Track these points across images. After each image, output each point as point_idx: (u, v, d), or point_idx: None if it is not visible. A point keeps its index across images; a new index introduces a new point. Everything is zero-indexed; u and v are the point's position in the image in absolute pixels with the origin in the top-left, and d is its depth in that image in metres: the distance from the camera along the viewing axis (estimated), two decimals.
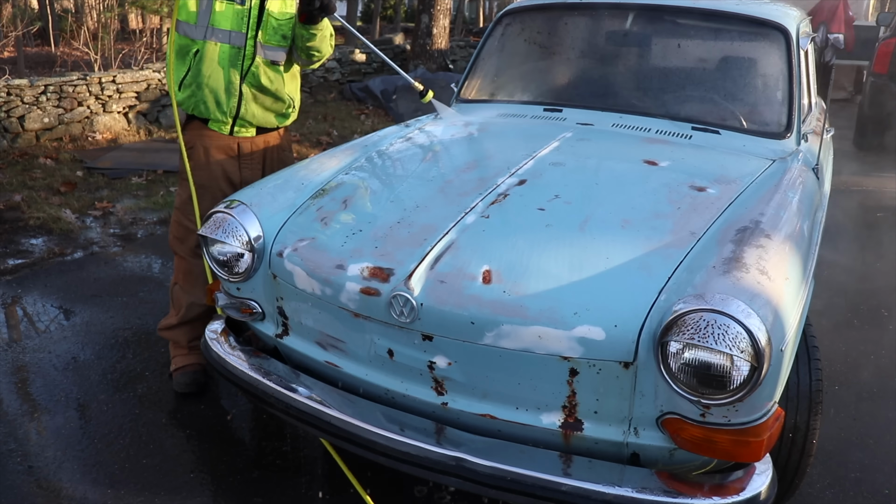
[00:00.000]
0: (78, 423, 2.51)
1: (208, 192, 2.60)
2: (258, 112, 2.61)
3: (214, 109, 2.56)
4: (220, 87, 2.53)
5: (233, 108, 2.56)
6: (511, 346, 1.59)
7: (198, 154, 2.62)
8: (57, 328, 3.20)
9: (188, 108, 2.59)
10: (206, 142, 2.60)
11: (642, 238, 1.75)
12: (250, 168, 2.69)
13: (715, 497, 1.50)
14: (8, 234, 4.32)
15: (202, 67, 2.51)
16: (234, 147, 2.64)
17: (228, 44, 2.50)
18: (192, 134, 2.63)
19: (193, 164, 2.61)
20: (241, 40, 2.51)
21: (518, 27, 3.07)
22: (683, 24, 2.82)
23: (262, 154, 2.71)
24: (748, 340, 1.41)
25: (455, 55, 10.98)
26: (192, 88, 2.55)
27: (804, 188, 2.15)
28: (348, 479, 2.23)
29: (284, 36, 2.58)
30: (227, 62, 2.52)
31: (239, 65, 2.52)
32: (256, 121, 2.62)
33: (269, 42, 2.54)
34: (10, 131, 6.08)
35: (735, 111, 2.57)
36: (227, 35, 2.49)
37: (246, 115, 2.59)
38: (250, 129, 2.65)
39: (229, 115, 2.57)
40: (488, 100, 2.98)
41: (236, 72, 2.53)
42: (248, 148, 2.66)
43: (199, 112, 2.57)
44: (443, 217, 1.85)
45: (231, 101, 2.55)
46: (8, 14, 10.50)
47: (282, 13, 2.55)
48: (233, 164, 2.65)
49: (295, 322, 1.96)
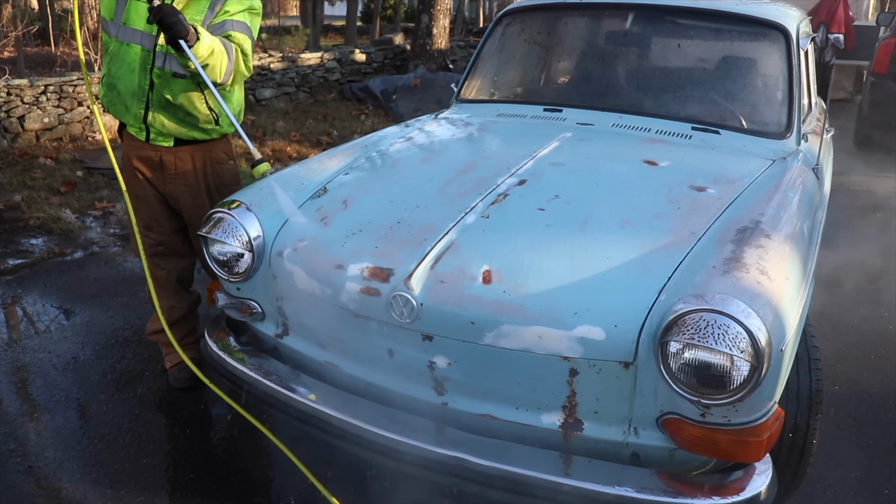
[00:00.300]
0: (78, 423, 2.51)
1: (142, 202, 2.49)
2: (168, 123, 2.36)
3: (125, 112, 2.37)
4: (130, 91, 2.32)
5: (140, 114, 2.34)
6: (511, 346, 1.59)
7: (126, 164, 2.48)
8: (57, 328, 3.20)
9: (107, 106, 2.42)
10: (133, 152, 2.45)
11: (642, 238, 1.75)
12: (174, 183, 2.47)
13: (715, 497, 1.50)
14: (8, 234, 4.32)
15: (113, 67, 2.33)
16: (156, 160, 2.44)
17: (139, 45, 2.26)
18: (124, 146, 2.48)
19: (126, 175, 2.46)
20: (150, 43, 2.25)
21: (518, 27, 3.07)
22: (683, 24, 2.82)
23: (192, 169, 2.46)
24: (748, 340, 1.41)
25: (455, 55, 10.98)
26: (106, 87, 2.39)
27: (804, 188, 2.15)
28: (348, 479, 2.23)
29: None
30: (137, 64, 2.28)
31: (148, 69, 2.28)
32: (169, 131, 2.38)
33: (170, 51, 2.22)
34: (10, 131, 6.08)
35: (735, 111, 2.57)
36: (139, 35, 2.26)
37: (154, 124, 2.35)
38: (167, 140, 2.40)
39: (140, 120, 2.36)
40: (488, 100, 2.98)
41: (146, 77, 2.29)
42: (171, 162, 2.43)
43: (115, 112, 2.40)
44: (443, 217, 1.85)
45: (138, 106, 2.33)
46: (8, 14, 10.50)
47: (190, 18, 2.22)
48: (158, 178, 2.46)
49: (295, 322, 1.96)
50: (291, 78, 8.81)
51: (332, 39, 18.09)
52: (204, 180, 2.50)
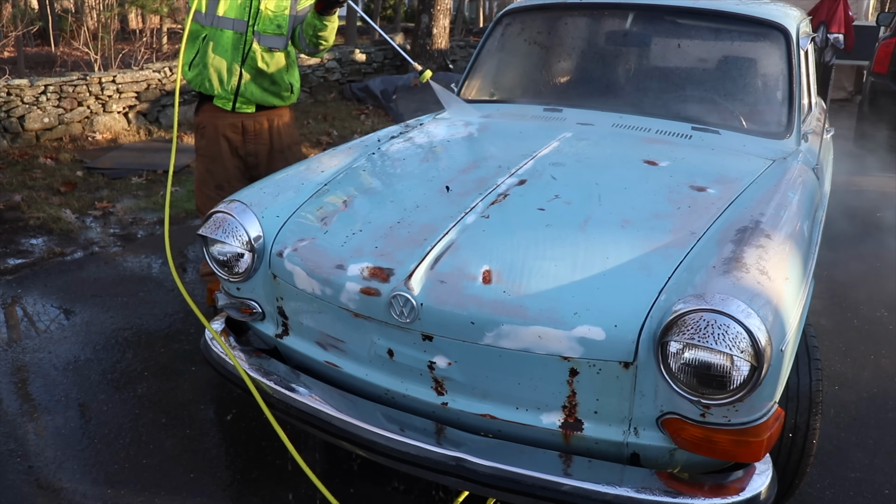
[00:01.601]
0: (78, 423, 2.51)
1: (219, 164, 2.98)
2: (256, 91, 2.92)
3: (217, 86, 2.89)
4: (223, 68, 2.87)
5: (233, 86, 2.89)
6: (511, 346, 1.59)
7: (209, 132, 2.97)
8: (57, 328, 3.20)
9: (196, 86, 2.93)
10: (216, 121, 2.94)
11: (642, 238, 1.74)
12: (255, 142, 3.00)
13: (715, 497, 1.50)
14: (8, 234, 4.32)
15: (208, 50, 2.86)
16: (238, 125, 2.96)
17: (232, 30, 2.84)
18: (204, 115, 2.99)
19: (205, 141, 2.98)
20: (242, 27, 2.84)
21: (518, 27, 3.07)
22: (683, 24, 2.82)
23: (268, 129, 3.02)
24: (748, 340, 1.41)
25: (455, 55, 10.98)
26: (199, 68, 2.89)
27: (804, 188, 2.15)
28: (348, 479, 2.23)
29: (279, 26, 2.88)
30: (230, 46, 2.85)
31: (240, 49, 2.85)
32: (255, 98, 2.93)
33: (265, 31, 2.86)
34: (10, 131, 6.08)
35: (735, 111, 2.57)
36: (231, 23, 2.83)
37: (245, 93, 2.91)
38: (250, 106, 2.95)
39: (230, 92, 2.90)
40: (488, 100, 2.98)
41: (238, 55, 2.86)
42: (251, 126, 2.98)
43: (205, 88, 2.90)
44: (443, 217, 1.85)
45: (231, 79, 2.88)
46: (8, 14, 10.50)
47: (277, 6, 2.87)
48: (238, 139, 2.98)
49: (295, 322, 1.96)
50: None
51: None
52: (278, 139, 3.05)
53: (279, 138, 3.05)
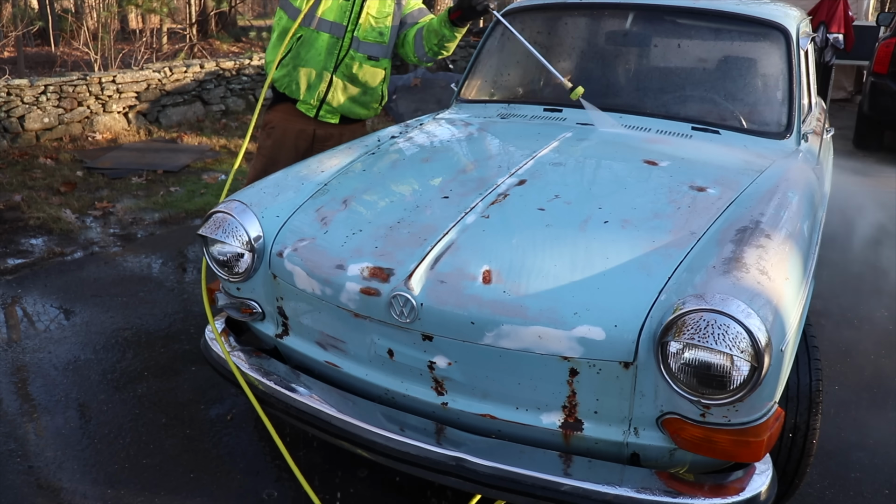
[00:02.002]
0: (78, 423, 2.51)
1: (280, 167, 2.77)
2: (344, 101, 2.83)
3: (304, 91, 2.80)
4: (314, 72, 2.77)
5: (321, 92, 2.80)
6: (511, 346, 1.59)
7: (277, 133, 2.89)
8: (57, 328, 3.20)
9: (281, 86, 2.83)
10: (287, 124, 2.86)
11: (642, 238, 1.75)
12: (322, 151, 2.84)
13: (715, 497, 1.50)
14: (8, 234, 4.32)
15: (301, 51, 2.75)
16: (310, 133, 2.89)
17: (329, 33, 2.73)
18: (277, 114, 2.90)
19: (272, 141, 2.90)
20: (340, 32, 2.74)
21: (518, 27, 3.07)
22: (683, 24, 2.82)
23: (339, 141, 2.84)
24: (748, 340, 1.41)
25: (455, 55, 10.97)
26: (288, 68, 2.79)
27: (804, 188, 2.15)
28: (348, 479, 2.23)
29: (381, 33, 2.79)
30: (325, 50, 2.75)
31: (335, 54, 2.76)
32: (341, 109, 2.85)
33: (365, 38, 2.77)
34: (10, 131, 6.08)
35: (735, 111, 2.57)
36: (330, 25, 2.73)
37: (332, 102, 2.82)
38: (335, 116, 2.87)
39: (317, 98, 2.82)
40: (488, 100, 2.98)
41: (332, 60, 2.76)
42: (323, 135, 2.89)
43: (291, 91, 2.81)
44: (443, 217, 1.85)
45: (321, 85, 2.79)
46: (8, 14, 10.50)
47: (380, 12, 2.78)
48: (306, 146, 2.89)
49: (295, 322, 1.96)
50: None
51: None
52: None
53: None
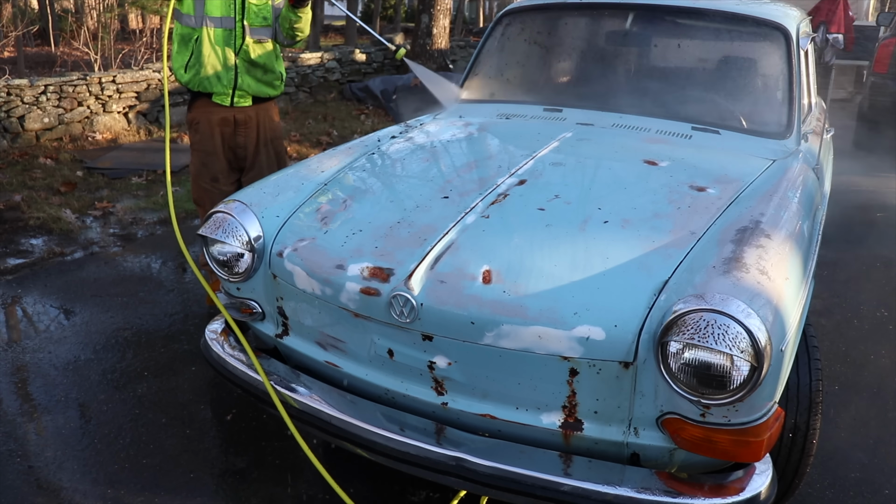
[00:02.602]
0: (78, 423, 2.51)
1: (213, 157, 3.13)
2: (252, 83, 3.10)
3: (216, 83, 3.05)
4: (219, 63, 3.03)
5: (231, 79, 3.05)
6: (511, 346, 1.59)
7: (203, 127, 3.11)
8: (57, 328, 3.20)
9: (194, 86, 3.06)
10: (209, 116, 3.10)
11: (642, 238, 1.74)
12: (244, 135, 3.17)
13: (715, 497, 1.50)
14: (8, 234, 4.32)
15: (202, 49, 2.99)
16: (230, 119, 3.12)
17: (221, 28, 2.99)
18: (197, 111, 3.13)
19: (200, 135, 3.12)
20: (231, 24, 3.00)
21: (518, 27, 3.07)
22: (683, 24, 2.82)
23: (256, 122, 3.18)
24: (748, 340, 1.41)
25: (455, 55, 10.98)
26: (195, 68, 3.02)
27: (804, 188, 2.15)
28: (348, 478, 2.23)
29: (265, 17, 3.05)
30: (221, 42, 3.01)
31: (232, 44, 3.02)
32: (252, 90, 3.11)
33: (253, 24, 3.04)
34: (10, 131, 6.08)
35: (735, 111, 2.57)
36: (219, 21, 2.99)
37: (242, 85, 3.08)
38: (247, 98, 3.12)
39: (229, 86, 3.06)
40: (488, 100, 2.98)
41: (231, 50, 3.02)
42: (242, 118, 3.15)
43: (204, 87, 3.05)
44: (443, 217, 1.85)
45: (229, 74, 3.04)
46: (8, 14, 10.50)
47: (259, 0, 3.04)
48: (230, 132, 3.15)
49: (295, 322, 1.96)
50: (291, 78, 8.81)
51: (331, 39, 18.09)
52: (264, 132, 3.22)
53: (265, 131, 3.22)
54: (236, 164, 3.24)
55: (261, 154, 3.23)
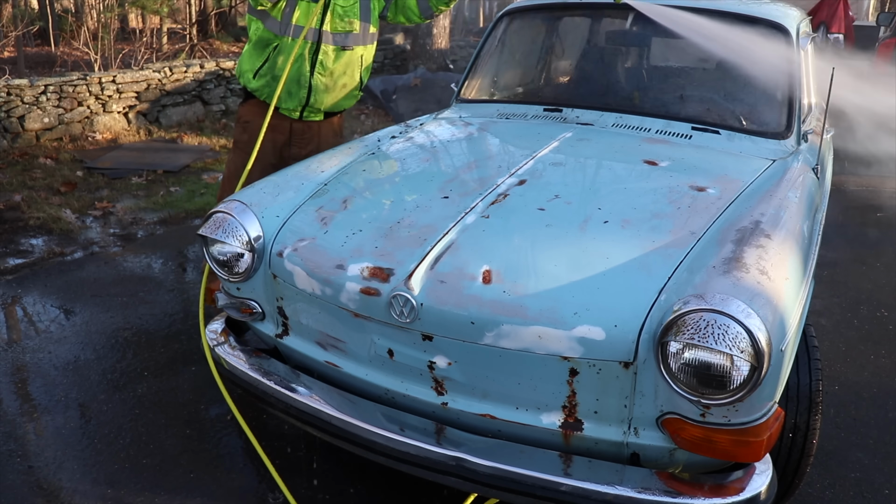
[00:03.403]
0: (78, 423, 2.51)
1: (257, 163, 2.76)
2: (327, 100, 2.82)
3: (286, 98, 2.78)
4: (293, 79, 2.74)
5: (303, 97, 2.78)
6: (511, 346, 1.59)
7: (253, 127, 2.79)
8: (57, 328, 3.20)
9: (262, 96, 2.80)
10: (263, 118, 2.72)
11: (642, 238, 1.75)
12: (300, 146, 2.88)
13: (715, 497, 1.50)
14: (8, 234, 4.32)
15: (278, 60, 2.73)
16: (287, 127, 2.85)
17: (303, 39, 2.69)
18: (251, 108, 2.86)
19: (248, 136, 2.82)
20: (313, 35, 2.71)
21: (518, 27, 3.08)
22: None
23: (317, 134, 2.90)
24: (748, 340, 1.41)
25: (455, 55, 10.97)
26: (266, 78, 2.77)
27: (804, 188, 2.15)
28: (347, 479, 2.23)
29: (350, 21, 2.74)
30: (300, 56, 2.71)
31: (309, 57, 2.72)
32: (325, 107, 2.84)
33: (335, 29, 2.72)
34: (10, 131, 6.08)
35: (735, 111, 2.57)
36: (302, 31, 2.68)
37: (316, 104, 2.81)
38: (319, 115, 2.86)
39: (300, 104, 2.79)
40: (488, 100, 2.98)
41: (307, 63, 2.73)
42: (301, 129, 2.87)
43: (272, 100, 2.71)
44: (443, 217, 1.85)
45: (301, 91, 2.77)
46: (8, 14, 10.50)
47: (346, 1, 2.72)
48: (283, 140, 2.86)
49: (295, 322, 1.96)
50: None
51: None
52: (326, 145, 2.89)
53: (325, 145, 2.90)
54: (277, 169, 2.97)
55: None
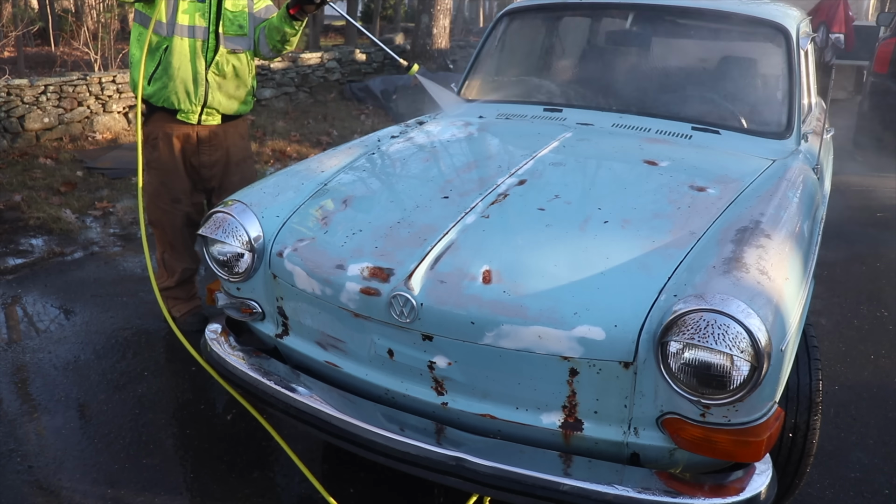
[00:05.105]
0: (78, 423, 2.51)
1: (174, 176, 2.90)
2: (223, 100, 2.85)
3: (184, 99, 2.78)
4: (189, 77, 2.76)
5: (201, 96, 2.79)
6: (511, 346, 1.59)
7: (161, 144, 2.86)
8: (57, 328, 3.20)
9: (158, 101, 2.79)
10: (169, 130, 2.84)
11: (642, 238, 1.75)
12: (209, 154, 2.93)
13: (715, 497, 1.50)
14: (8, 234, 4.32)
15: (171, 60, 2.73)
16: (193, 136, 2.88)
17: (192, 37, 2.74)
18: (155, 125, 2.86)
19: (158, 152, 2.87)
20: (203, 33, 2.75)
21: (518, 27, 3.08)
22: (683, 24, 2.82)
23: (224, 141, 2.95)
24: (748, 340, 1.41)
25: (455, 55, 10.98)
26: (162, 80, 2.76)
27: (804, 188, 2.15)
28: (347, 478, 2.23)
29: (241, 26, 2.82)
30: (191, 54, 2.75)
31: (204, 56, 2.77)
32: (222, 108, 2.86)
33: (227, 33, 2.79)
34: (10, 131, 6.08)
35: (735, 111, 2.57)
36: (191, 30, 2.73)
37: (212, 103, 2.82)
38: (216, 117, 2.88)
39: (197, 103, 2.81)
40: (488, 100, 2.98)
41: (202, 62, 2.77)
42: (207, 135, 2.90)
43: (170, 103, 2.79)
44: (443, 217, 1.85)
45: (199, 89, 2.78)
46: (8, 14, 10.50)
47: (234, 5, 2.80)
48: (192, 149, 2.90)
49: (295, 322, 1.96)
50: (291, 78, 8.82)
51: (332, 39, 18.09)
52: (234, 151, 2.98)
53: (235, 150, 2.98)
54: (200, 184, 2.98)
55: (232, 176, 2.98)
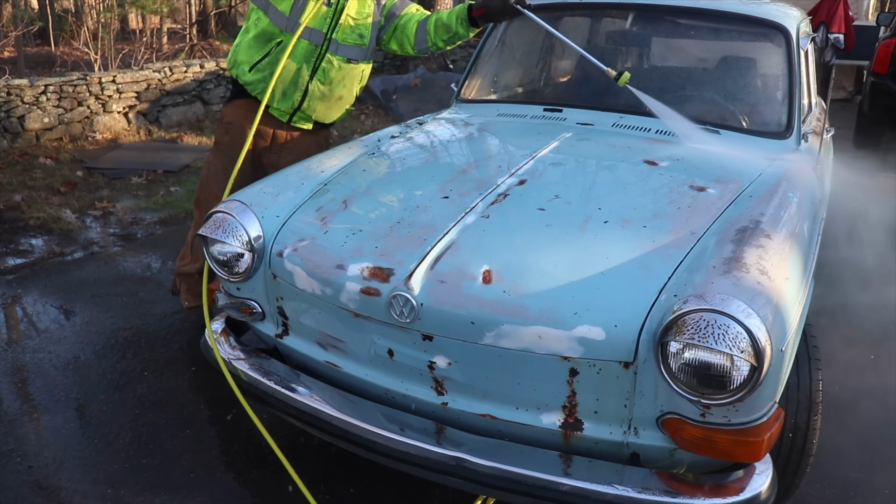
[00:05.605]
0: (78, 423, 2.50)
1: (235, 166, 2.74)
2: (321, 108, 2.76)
3: (279, 98, 2.71)
4: (289, 79, 2.68)
5: (297, 100, 2.72)
6: (511, 346, 1.59)
7: (236, 130, 2.76)
8: (57, 328, 3.20)
9: (255, 91, 2.72)
10: (247, 122, 2.67)
11: (642, 238, 1.75)
12: (279, 153, 2.82)
13: (715, 497, 1.50)
14: (8, 234, 4.32)
15: (280, 57, 2.61)
16: (269, 133, 2.79)
17: (308, 40, 2.64)
18: (236, 111, 2.79)
19: (230, 139, 2.78)
20: (319, 38, 2.65)
21: (518, 27, 3.07)
22: (683, 24, 2.82)
23: (299, 143, 2.82)
24: (748, 340, 1.41)
25: (455, 55, 10.96)
26: (264, 73, 2.68)
27: (804, 188, 2.15)
28: (348, 479, 2.23)
29: (361, 35, 2.71)
30: (302, 57, 2.65)
31: (312, 62, 2.67)
32: (317, 115, 2.78)
33: (345, 40, 2.68)
34: (10, 131, 6.08)
35: (735, 111, 2.57)
36: (310, 32, 2.63)
37: (307, 110, 2.75)
38: (309, 123, 2.80)
39: (292, 107, 2.73)
40: (488, 100, 2.98)
41: (308, 67, 2.67)
42: (283, 136, 2.81)
43: (263, 97, 2.63)
44: (443, 217, 1.85)
45: (297, 94, 2.71)
46: (8, 14, 10.50)
47: (359, 13, 2.70)
48: (264, 146, 2.81)
49: (295, 322, 1.96)
50: None
51: None
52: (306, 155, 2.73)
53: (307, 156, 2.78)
54: (254, 179, 2.81)
55: None
